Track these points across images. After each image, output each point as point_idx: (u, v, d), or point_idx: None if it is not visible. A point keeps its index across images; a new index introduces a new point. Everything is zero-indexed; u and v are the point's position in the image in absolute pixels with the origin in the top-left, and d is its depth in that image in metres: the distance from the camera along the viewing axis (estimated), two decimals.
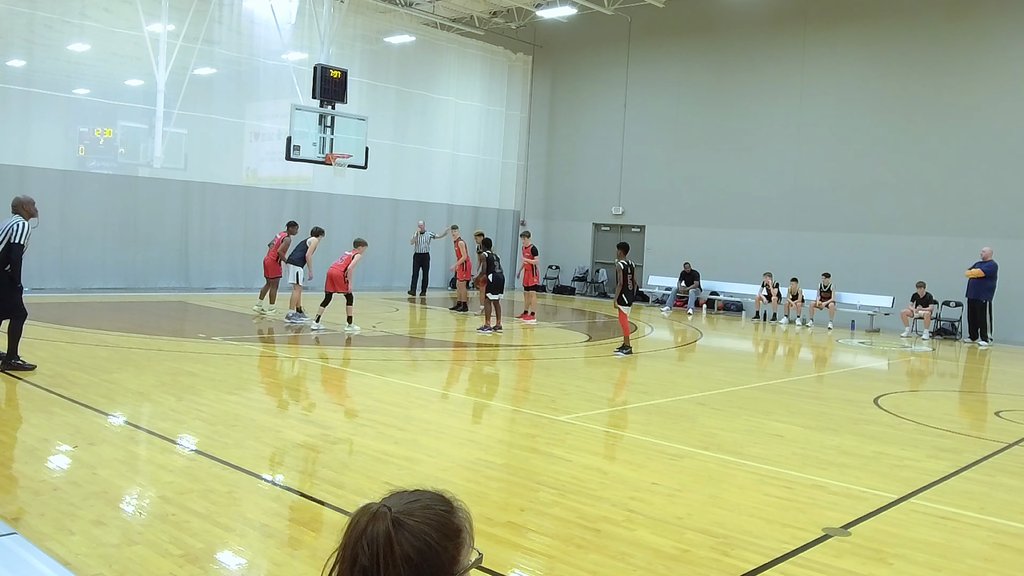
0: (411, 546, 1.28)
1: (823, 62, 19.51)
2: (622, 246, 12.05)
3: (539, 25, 24.08)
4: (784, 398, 9.50)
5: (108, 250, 17.38)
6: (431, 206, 22.78)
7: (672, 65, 22.13)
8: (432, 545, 1.29)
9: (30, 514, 4.41)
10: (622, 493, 5.38)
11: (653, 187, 22.43)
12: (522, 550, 4.35)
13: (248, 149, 20.20)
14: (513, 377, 10.63)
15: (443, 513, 1.34)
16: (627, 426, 7.40)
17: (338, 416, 7.65)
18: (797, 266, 19.17)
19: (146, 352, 10.13)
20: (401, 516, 1.30)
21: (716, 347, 15.10)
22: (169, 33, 16.75)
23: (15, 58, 17.17)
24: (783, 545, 4.56)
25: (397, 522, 1.29)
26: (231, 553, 4.16)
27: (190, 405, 7.37)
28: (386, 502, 1.34)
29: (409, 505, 1.33)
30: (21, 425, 6.48)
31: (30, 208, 8.44)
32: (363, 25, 20.78)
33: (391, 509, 1.31)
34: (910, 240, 18.02)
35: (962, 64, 17.50)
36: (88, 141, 17.93)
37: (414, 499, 1.35)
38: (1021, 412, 9.47)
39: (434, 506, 1.34)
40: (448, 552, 1.31)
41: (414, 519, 1.30)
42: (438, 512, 1.33)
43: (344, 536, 1.32)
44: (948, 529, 5.03)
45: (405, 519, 1.30)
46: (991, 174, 17.10)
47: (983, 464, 6.74)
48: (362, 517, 1.31)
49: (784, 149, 20.00)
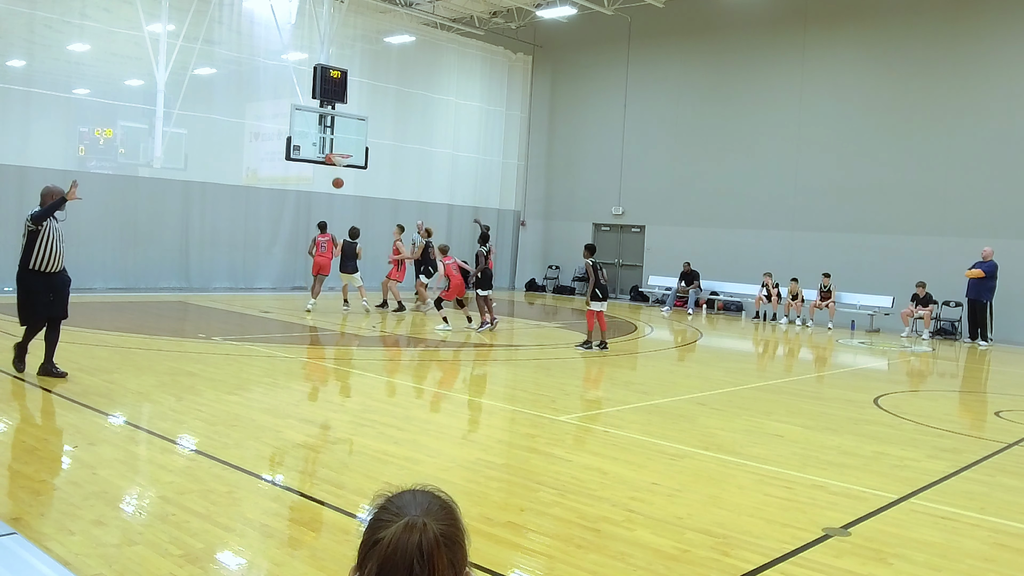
0: (448, 550, 1.36)
1: (823, 62, 19.51)
2: (589, 247, 12.77)
3: (539, 25, 24.08)
4: (784, 398, 9.50)
5: (108, 250, 17.36)
6: (431, 206, 22.78)
7: (672, 65, 22.12)
8: (460, 543, 1.39)
9: (30, 514, 4.41)
10: (622, 493, 5.38)
11: (653, 187, 22.42)
12: (522, 550, 4.35)
13: (248, 149, 20.20)
14: (513, 377, 10.63)
15: (455, 510, 1.43)
16: (627, 426, 7.40)
17: (338, 416, 7.65)
18: (797, 266, 19.17)
19: (146, 352, 10.13)
20: (433, 522, 1.37)
21: (716, 347, 15.09)
22: (169, 33, 16.75)
23: (15, 58, 17.18)
24: (783, 545, 4.56)
25: (437, 530, 1.36)
26: (231, 553, 4.16)
27: (190, 405, 7.37)
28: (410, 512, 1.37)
29: (428, 510, 1.39)
30: (21, 425, 6.48)
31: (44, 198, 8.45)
32: (363, 25, 20.78)
33: (425, 519, 1.37)
34: (910, 240, 18.01)
35: (962, 64, 17.50)
36: (88, 141, 17.93)
37: (431, 502, 1.41)
38: (1021, 412, 9.47)
39: (449, 506, 1.42)
40: (464, 550, 1.40)
41: (444, 524, 1.38)
42: (454, 513, 1.42)
43: (384, 550, 1.33)
44: (948, 529, 5.03)
45: (438, 525, 1.37)
46: (991, 174, 17.10)
47: (983, 464, 6.74)
48: (403, 532, 1.34)
49: (784, 149, 20.00)
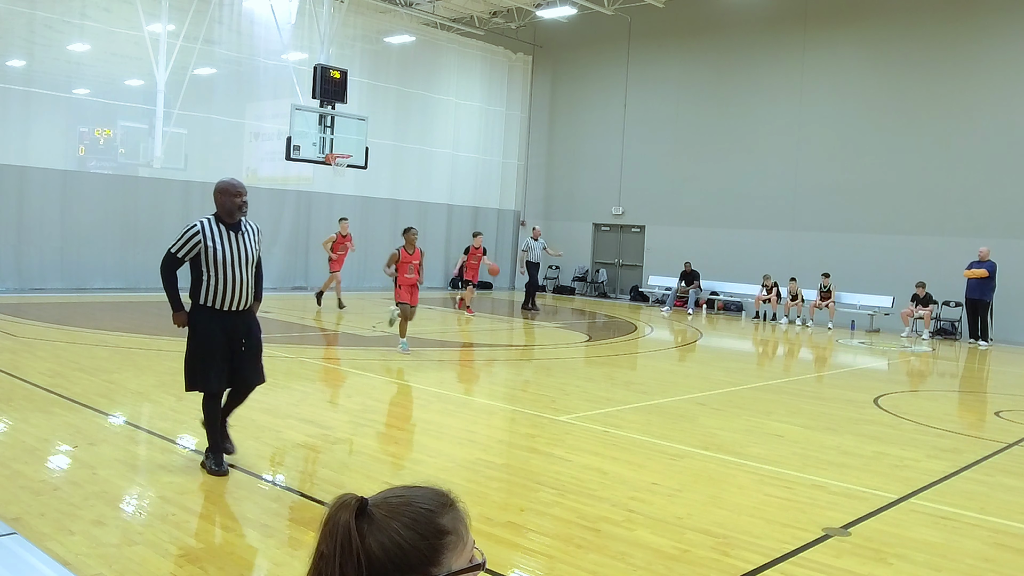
0: (375, 540, 1.24)
1: (823, 62, 19.51)
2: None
3: (539, 25, 24.09)
4: (784, 398, 9.50)
5: (108, 250, 17.37)
6: (431, 206, 22.80)
7: (672, 65, 22.12)
8: (399, 542, 1.25)
9: (30, 514, 4.41)
10: (622, 493, 5.38)
11: (653, 187, 22.42)
12: (522, 550, 4.35)
13: (248, 149, 20.20)
14: (513, 377, 10.63)
15: (424, 512, 1.29)
16: (627, 426, 7.40)
17: (338, 416, 7.65)
18: (797, 266, 19.17)
19: (146, 352, 10.12)
20: (373, 509, 1.27)
21: (716, 347, 15.09)
22: (169, 33, 16.75)
23: (15, 58, 17.17)
24: (783, 545, 4.56)
25: (364, 514, 1.26)
26: (231, 553, 4.16)
27: (190, 405, 7.36)
28: (374, 495, 1.32)
29: (388, 500, 1.30)
30: (21, 425, 6.48)
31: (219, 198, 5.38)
32: (363, 25, 20.78)
33: (364, 501, 1.28)
34: (910, 240, 18.01)
35: (962, 64, 17.50)
36: (88, 141, 17.94)
37: (399, 495, 1.32)
38: (1021, 412, 9.47)
39: (416, 503, 1.30)
40: (421, 552, 1.26)
41: (384, 513, 1.27)
42: (417, 510, 1.29)
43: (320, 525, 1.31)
44: (948, 529, 5.03)
45: (375, 512, 1.27)
46: (991, 174, 17.10)
47: (983, 464, 6.74)
48: (333, 504, 1.29)
49: (784, 149, 20.00)
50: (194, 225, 5.33)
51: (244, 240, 5.42)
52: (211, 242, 5.29)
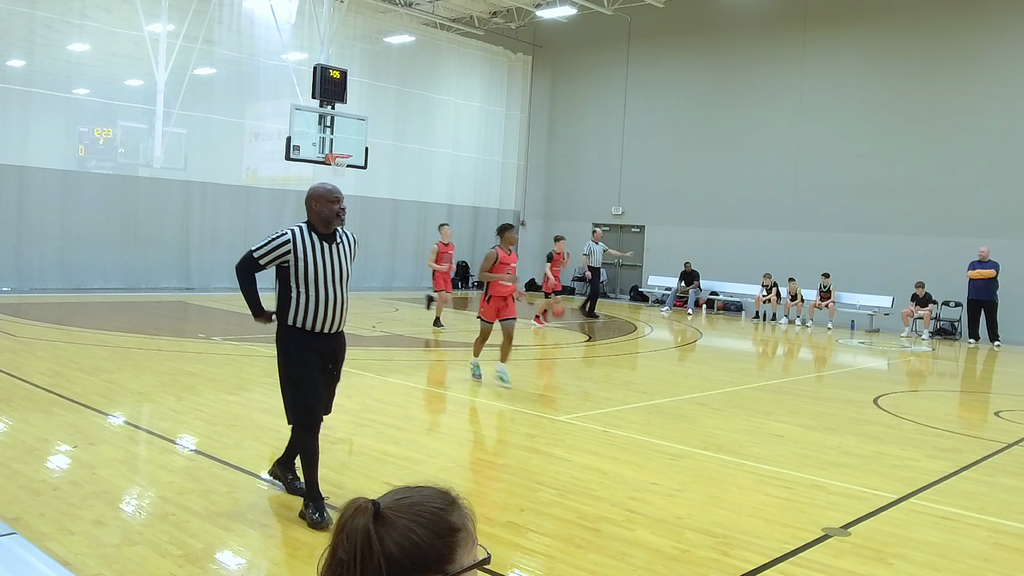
0: (393, 542, 1.26)
1: (823, 62, 19.51)
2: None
3: (539, 25, 24.09)
4: (784, 398, 9.50)
5: (108, 250, 17.38)
6: (431, 206, 22.79)
7: (672, 65, 22.12)
8: (417, 542, 1.26)
9: (30, 514, 4.41)
10: (622, 493, 5.38)
11: (653, 187, 22.42)
12: (522, 550, 4.35)
13: (248, 149, 20.20)
14: (513, 377, 10.62)
15: (435, 510, 1.31)
16: (627, 426, 7.40)
17: (338, 416, 7.64)
18: (797, 266, 19.18)
19: (146, 352, 10.12)
20: (386, 511, 1.29)
21: (716, 347, 15.09)
22: (169, 33, 16.75)
23: (15, 58, 17.18)
24: (783, 545, 4.56)
25: (380, 517, 1.28)
26: (231, 553, 4.16)
27: (190, 405, 7.37)
28: (381, 498, 1.33)
29: (398, 501, 1.32)
30: (21, 425, 6.47)
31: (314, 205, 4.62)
32: (363, 25, 20.78)
33: (378, 504, 1.30)
34: (910, 240, 18.02)
35: (962, 64, 17.50)
36: (88, 141, 17.94)
37: (406, 495, 1.33)
38: (1021, 412, 9.47)
39: (426, 503, 1.32)
40: (437, 550, 1.28)
41: (398, 514, 1.28)
42: (429, 509, 1.31)
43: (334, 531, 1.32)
44: (948, 529, 5.03)
45: (389, 514, 1.28)
46: (991, 174, 17.10)
47: (983, 464, 6.74)
48: (347, 510, 1.30)
49: (784, 149, 20.00)
50: (284, 233, 4.57)
51: (340, 252, 4.67)
52: (303, 254, 4.53)
